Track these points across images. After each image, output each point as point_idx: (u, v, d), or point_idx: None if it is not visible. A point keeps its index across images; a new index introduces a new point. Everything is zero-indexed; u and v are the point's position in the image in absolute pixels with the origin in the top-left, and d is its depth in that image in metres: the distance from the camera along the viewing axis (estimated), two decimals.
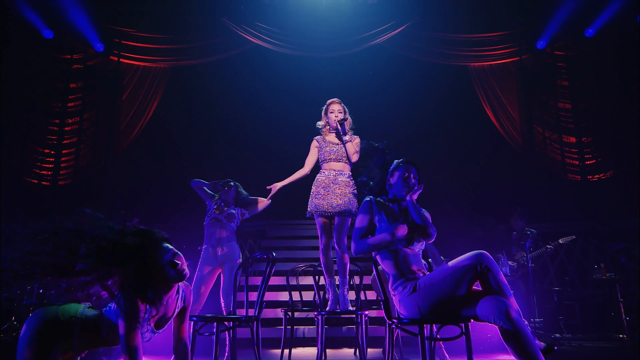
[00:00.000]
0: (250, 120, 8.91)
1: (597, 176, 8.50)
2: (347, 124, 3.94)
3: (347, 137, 3.86)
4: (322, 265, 3.79)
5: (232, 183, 5.03)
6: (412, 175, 2.76)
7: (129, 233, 2.03)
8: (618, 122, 8.52)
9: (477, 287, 2.34)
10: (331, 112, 3.96)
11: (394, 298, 2.55)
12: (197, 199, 8.31)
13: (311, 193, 3.85)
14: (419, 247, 2.65)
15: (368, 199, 2.80)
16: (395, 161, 2.90)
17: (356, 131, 4.06)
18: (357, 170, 3.96)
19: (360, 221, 2.73)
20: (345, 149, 3.84)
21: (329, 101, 4.05)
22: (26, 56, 8.43)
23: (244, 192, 5.07)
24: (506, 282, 2.27)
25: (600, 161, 8.59)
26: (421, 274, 2.52)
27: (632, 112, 8.33)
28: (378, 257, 2.66)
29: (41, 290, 5.82)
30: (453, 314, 2.33)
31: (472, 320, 2.35)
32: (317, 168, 4.13)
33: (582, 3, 8.09)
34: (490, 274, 2.24)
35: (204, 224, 4.60)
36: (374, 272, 4.40)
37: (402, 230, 2.49)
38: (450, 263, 2.36)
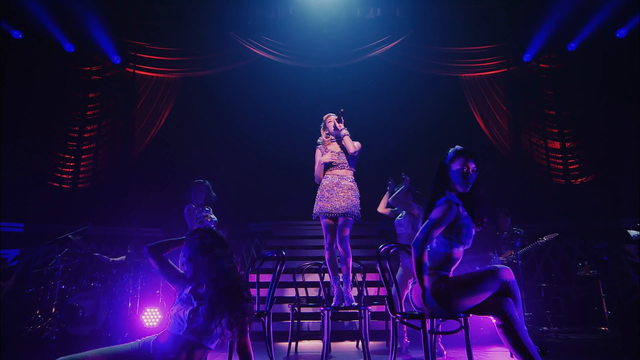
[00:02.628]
0: (256, 127, 8.95)
1: (580, 180, 8.55)
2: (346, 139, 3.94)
3: (344, 132, 3.88)
4: (326, 263, 3.81)
5: (206, 182, 5.00)
6: (471, 169, 2.47)
7: None
8: (599, 129, 8.57)
9: None
10: (329, 122, 3.99)
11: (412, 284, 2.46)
12: None
13: (317, 197, 3.86)
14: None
15: (448, 199, 2.46)
16: (451, 150, 2.54)
17: (355, 137, 4.08)
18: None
19: (438, 216, 2.40)
20: (344, 143, 3.86)
21: (325, 116, 4.10)
22: (49, 68, 8.48)
23: (213, 194, 5.03)
24: (520, 297, 2.33)
25: (583, 166, 8.63)
26: (450, 275, 2.45)
27: (612, 120, 8.41)
28: (433, 252, 2.46)
29: (63, 287, 5.86)
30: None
31: (471, 315, 2.38)
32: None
33: (565, 19, 8.16)
34: (510, 289, 2.28)
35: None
36: (400, 268, 4.39)
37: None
38: (474, 274, 2.33)
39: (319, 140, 4.09)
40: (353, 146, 3.84)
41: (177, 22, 8.78)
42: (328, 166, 3.90)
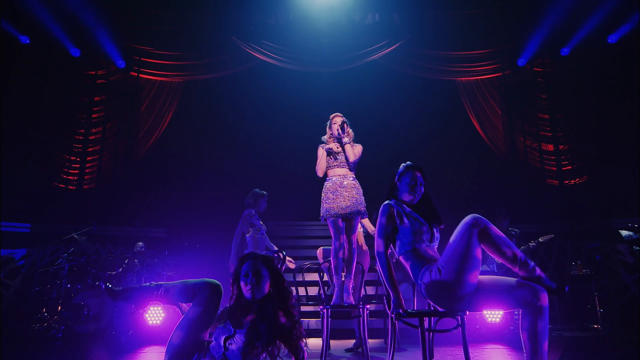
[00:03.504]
0: (257, 129, 8.96)
1: (573, 181, 8.57)
2: (350, 137, 3.96)
3: (346, 140, 3.89)
4: (331, 262, 3.80)
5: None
6: (418, 182, 2.68)
7: None
8: (591, 131, 8.60)
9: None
10: (334, 124, 4.00)
11: (422, 287, 2.46)
12: (208, 200, 8.37)
13: (322, 199, 3.86)
14: (435, 244, 2.63)
15: (387, 202, 2.69)
16: (402, 165, 2.77)
17: (356, 139, 4.09)
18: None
19: (382, 222, 2.62)
20: (344, 150, 3.87)
21: (332, 115, 4.09)
22: (56, 73, 8.51)
23: None
24: (504, 239, 2.31)
25: (576, 167, 8.66)
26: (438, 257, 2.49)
27: (603, 122, 8.44)
28: (402, 258, 2.58)
29: (69, 285, 5.86)
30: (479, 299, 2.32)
31: (467, 313, 2.39)
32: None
33: (558, 25, 8.21)
34: (489, 230, 2.28)
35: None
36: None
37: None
38: (452, 238, 2.34)
39: (323, 138, 4.10)
40: (353, 155, 3.87)
41: (180, 27, 8.81)
42: (330, 153, 3.91)
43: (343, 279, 3.73)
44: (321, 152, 3.98)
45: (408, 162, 2.76)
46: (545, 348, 2.14)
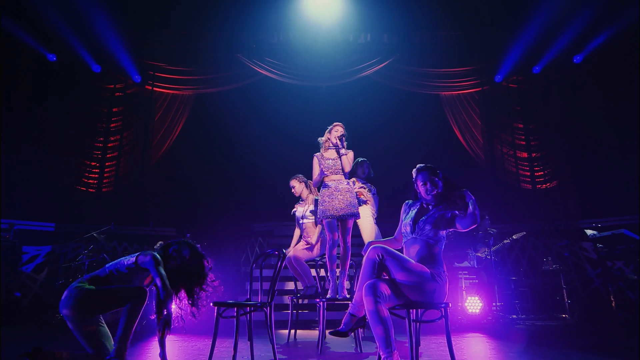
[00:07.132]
0: (260, 137, 8.96)
1: (544, 185, 8.67)
2: (344, 148, 3.99)
3: (343, 151, 3.92)
4: (327, 259, 3.81)
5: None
6: (428, 183, 2.62)
7: None
8: (561, 141, 8.71)
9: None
10: (336, 132, 4.00)
11: None
12: (215, 202, 8.37)
13: (319, 202, 3.89)
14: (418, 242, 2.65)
15: (406, 202, 2.78)
16: (415, 168, 2.72)
17: (349, 147, 4.11)
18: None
19: (400, 217, 2.74)
20: (341, 160, 3.90)
21: (334, 123, 4.07)
22: (79, 87, 8.57)
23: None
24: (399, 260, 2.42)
25: (547, 173, 8.76)
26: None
27: (571, 133, 8.55)
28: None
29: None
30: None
31: (450, 305, 2.43)
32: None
33: (530, 46, 8.34)
34: (386, 261, 2.41)
35: None
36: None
37: None
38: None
39: (320, 140, 4.09)
40: (349, 165, 3.89)
41: (190, 45, 8.86)
42: (324, 174, 3.93)
43: (338, 274, 3.76)
44: (316, 163, 4.00)
45: (418, 165, 2.71)
46: None
